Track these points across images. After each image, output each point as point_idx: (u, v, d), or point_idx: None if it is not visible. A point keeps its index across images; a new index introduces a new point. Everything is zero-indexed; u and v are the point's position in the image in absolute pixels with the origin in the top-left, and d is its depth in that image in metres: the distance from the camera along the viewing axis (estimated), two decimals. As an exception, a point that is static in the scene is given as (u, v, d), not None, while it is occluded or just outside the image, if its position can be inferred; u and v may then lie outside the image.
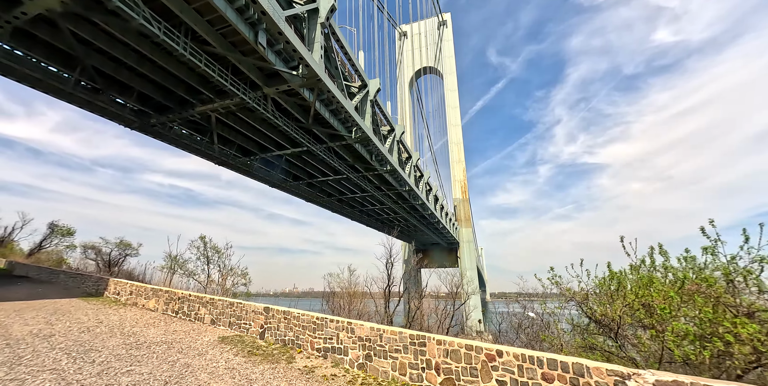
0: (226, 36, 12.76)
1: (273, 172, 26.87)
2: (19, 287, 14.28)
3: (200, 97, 16.14)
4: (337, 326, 7.44)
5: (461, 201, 76.30)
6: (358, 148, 23.28)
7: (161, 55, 13.30)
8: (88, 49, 13.17)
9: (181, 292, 11.19)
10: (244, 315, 9.33)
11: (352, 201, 39.96)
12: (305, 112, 18.66)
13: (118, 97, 15.80)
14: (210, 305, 10.21)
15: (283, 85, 14.99)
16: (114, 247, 24.87)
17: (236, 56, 13.06)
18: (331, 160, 22.58)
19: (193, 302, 10.67)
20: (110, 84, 15.36)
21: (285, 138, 21.79)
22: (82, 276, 15.39)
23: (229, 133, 20.76)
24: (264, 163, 25.80)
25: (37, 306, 10.83)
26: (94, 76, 13.93)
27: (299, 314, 8.22)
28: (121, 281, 13.29)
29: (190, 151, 22.38)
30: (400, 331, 6.41)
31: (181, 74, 14.16)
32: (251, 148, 22.70)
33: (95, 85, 14.73)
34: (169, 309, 11.23)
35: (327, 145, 21.75)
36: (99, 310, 10.87)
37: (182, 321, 10.40)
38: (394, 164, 26.58)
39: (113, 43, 12.70)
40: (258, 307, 9.10)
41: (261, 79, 14.94)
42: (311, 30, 14.54)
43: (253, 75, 14.47)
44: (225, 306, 9.84)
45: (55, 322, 8.78)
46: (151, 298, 11.93)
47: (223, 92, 15.96)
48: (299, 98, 16.71)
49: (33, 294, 12.82)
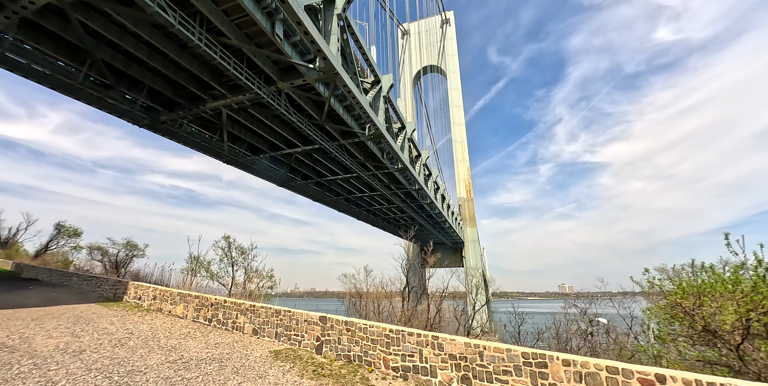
0: (241, 27, 12.25)
1: (282, 170, 26.35)
2: (31, 291, 13.67)
3: (212, 93, 15.62)
4: (419, 340, 6.47)
5: (466, 200, 75.81)
6: (370, 146, 22.76)
7: (173, 48, 12.79)
8: (97, 42, 12.67)
9: (215, 298, 10.25)
10: (294, 325, 8.45)
11: (359, 200, 39.46)
12: (318, 108, 18.12)
13: (128, 93, 15.29)
14: (251, 313, 9.30)
15: (299, 80, 14.45)
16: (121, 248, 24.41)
17: (251, 48, 12.53)
18: (342, 157, 22.04)
19: (229, 309, 9.78)
20: (119, 79, 14.86)
21: (296, 135, 21.28)
22: (97, 279, 14.71)
23: (239, 130, 20.25)
24: (273, 162, 25.30)
25: (56, 313, 10.17)
26: (103, 70, 13.42)
27: (366, 325, 7.24)
28: (142, 285, 12.57)
29: (199, 150, 21.90)
30: (508, 348, 5.42)
31: (193, 68, 13.65)
32: (261, 146, 22.18)
33: (104, 81, 14.23)
34: (201, 317, 10.35)
35: (339, 142, 21.23)
36: (124, 318, 10.16)
37: (218, 330, 9.56)
38: (406, 162, 26.02)
39: (124, 36, 12.20)
40: (312, 316, 8.21)
41: (275, 73, 14.41)
42: (327, 22, 14.00)
43: (268, 69, 13.95)
44: (269, 314, 8.96)
45: (81, 334, 8.08)
46: (179, 304, 11.07)
47: (235, 87, 15.45)
48: (314, 93, 16.19)
49: (47, 300, 12.18)
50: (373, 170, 27.16)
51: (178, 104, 16.73)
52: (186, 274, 12.90)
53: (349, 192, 35.53)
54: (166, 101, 16.80)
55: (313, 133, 18.17)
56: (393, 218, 52.26)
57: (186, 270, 13.33)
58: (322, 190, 32.87)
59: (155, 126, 18.18)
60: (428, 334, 6.39)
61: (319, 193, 33.58)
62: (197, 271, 13.33)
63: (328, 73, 13.97)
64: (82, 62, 13.17)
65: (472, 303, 18.95)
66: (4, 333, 7.65)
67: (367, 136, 20.21)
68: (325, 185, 32.30)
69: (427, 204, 41.40)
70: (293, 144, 22.02)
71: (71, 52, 12.87)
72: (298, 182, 29.13)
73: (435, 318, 15.67)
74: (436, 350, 6.21)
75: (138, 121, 17.48)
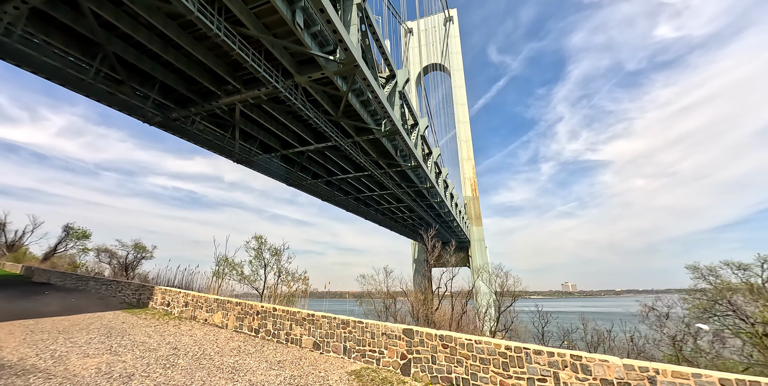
0: (259, 16, 11.66)
1: (293, 169, 25.78)
2: (47, 297, 12.99)
3: (226, 88, 15.06)
4: (551, 361, 5.22)
5: (471, 199, 75.27)
6: (385, 143, 22.16)
7: (188, 40, 12.22)
8: (109, 34, 12.12)
9: (261, 305, 9.21)
10: (368, 338, 7.29)
11: (368, 199, 38.89)
12: (334, 104, 17.54)
13: (140, 88, 14.74)
14: (309, 323, 8.19)
15: (317, 73, 13.85)
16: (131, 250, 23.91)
17: (269, 39, 11.94)
18: (357, 155, 21.43)
19: (281, 318, 8.70)
20: (131, 75, 14.31)
21: (309, 132, 20.72)
22: (117, 284, 13.94)
23: (252, 128, 19.69)
24: (284, 160, 24.75)
25: (82, 323, 9.36)
26: (115, 64, 12.87)
27: (470, 341, 6.06)
28: (170, 290, 11.73)
29: (210, 148, 21.36)
30: (695, 372, 4.19)
31: (208, 61, 13.07)
32: (273, 144, 21.62)
33: (116, 76, 13.68)
34: (245, 327, 9.30)
35: (353, 139, 20.62)
36: (158, 328, 9.27)
37: (270, 343, 8.46)
38: (420, 159, 25.42)
39: (137, 27, 11.63)
40: (392, 329, 7.01)
41: (293, 66, 13.83)
42: (347, 12, 13.41)
43: (285, 61, 13.36)
44: (334, 325, 7.83)
45: (120, 350, 7.12)
46: (216, 311, 10.07)
47: (251, 82, 14.88)
48: (331, 87, 15.59)
49: (68, 307, 11.40)
50: (385, 168, 26.56)
51: (190, 101, 16.17)
52: (214, 277, 12.14)
53: (358, 190, 34.96)
54: (178, 97, 16.24)
55: (329, 129, 17.57)
56: (401, 217, 51.72)
57: (215, 274, 12.57)
58: (332, 189, 32.30)
59: (166, 124, 17.63)
60: (564, 353, 5.17)
61: (329, 192, 33.01)
62: (225, 274, 12.61)
63: (348, 66, 13.37)
64: (92, 56, 12.61)
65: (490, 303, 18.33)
66: (32, 351, 6.69)
67: (382, 132, 19.60)
68: (335, 184, 31.72)
69: (436, 203, 40.85)
70: (306, 141, 21.43)
71: (82, 46, 12.31)
72: (309, 181, 28.56)
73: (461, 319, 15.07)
74: (580, 373, 4.97)
75: (149, 118, 16.94)
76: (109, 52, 12.30)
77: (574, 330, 18.03)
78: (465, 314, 14.81)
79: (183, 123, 16.92)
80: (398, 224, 56.42)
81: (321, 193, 33.07)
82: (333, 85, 15.43)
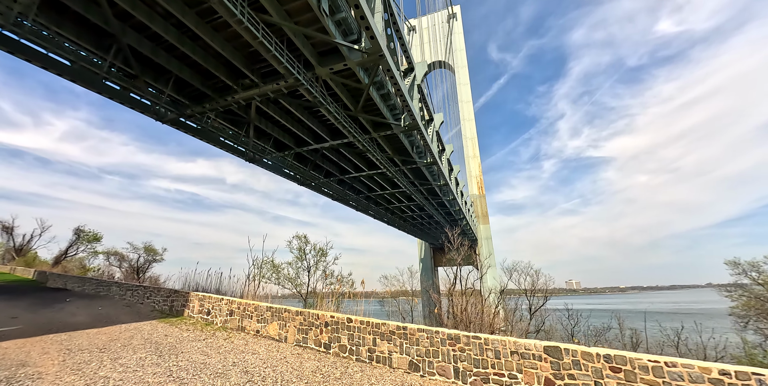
0: (282, 2, 11.00)
1: (305, 168, 25.15)
2: (71, 305, 12.23)
3: (243, 82, 14.40)
4: None
5: (478, 197, 74.60)
6: (402, 139, 21.48)
7: (206, 29, 11.56)
8: (123, 25, 11.49)
9: (330, 315, 7.94)
10: (490, 358, 5.80)
11: (379, 198, 38.25)
12: (353, 97, 16.86)
13: (153, 84, 14.12)
14: (400, 338, 6.83)
15: (339, 64, 13.18)
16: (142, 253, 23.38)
17: (292, 27, 11.26)
18: (373, 152, 20.74)
19: (359, 331, 7.39)
20: (144, 69, 13.70)
21: (325, 128, 20.06)
22: (145, 290, 13.02)
23: (266, 124, 19.06)
24: (297, 159, 24.11)
25: (120, 337, 8.38)
26: (129, 58, 12.24)
27: (656, 363, 4.48)
28: (210, 296, 10.73)
29: (222, 147, 20.70)
30: None
31: (225, 53, 12.41)
32: (287, 142, 20.98)
33: (129, 70, 13.06)
34: (311, 341, 8.08)
35: (370, 135, 19.94)
36: (210, 343, 8.23)
37: (349, 361, 7.21)
38: (436, 156, 24.74)
39: (153, 17, 10.98)
40: (529, 346, 5.49)
41: (314, 56, 13.16)
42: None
43: (307, 52, 12.70)
44: (438, 341, 6.37)
45: (183, 375, 6.01)
46: (270, 322, 8.93)
47: (269, 74, 14.23)
48: (353, 80, 14.91)
49: (97, 316, 10.47)
50: (400, 165, 25.89)
51: (205, 96, 15.56)
52: (249, 281, 11.38)
53: (370, 189, 34.32)
54: (192, 93, 15.63)
55: (348, 125, 16.89)
56: (410, 216, 51.06)
57: (257, 276, 11.78)
58: (344, 187, 31.66)
59: (178, 121, 17.02)
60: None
61: (340, 191, 32.36)
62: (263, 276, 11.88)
63: (373, 56, 12.69)
64: (106, 49, 11.98)
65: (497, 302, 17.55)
66: (80, 381, 5.55)
67: (402, 127, 18.91)
68: (347, 183, 31.09)
69: (448, 201, 40.17)
70: (321, 138, 20.79)
71: (95, 38, 11.69)
72: (321, 180, 27.91)
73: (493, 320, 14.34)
74: None
75: (161, 116, 16.30)
76: (123, 44, 11.67)
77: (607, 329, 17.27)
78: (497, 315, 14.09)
79: (198, 120, 16.29)
80: (407, 223, 55.74)
81: (333, 191, 32.42)
82: (355, 78, 14.76)
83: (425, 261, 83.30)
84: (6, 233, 31.77)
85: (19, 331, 8.45)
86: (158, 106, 15.21)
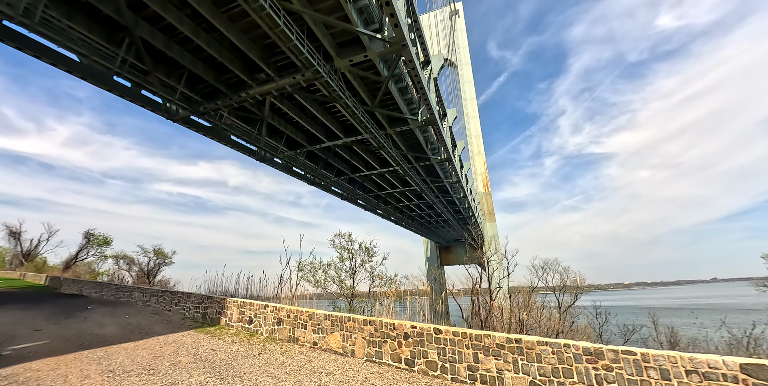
0: (303, -11, 10.44)
1: (317, 166, 24.61)
2: (94, 314, 11.48)
3: (258, 77, 13.85)
4: None
5: (484, 195, 74.02)
6: (417, 134, 20.90)
7: (222, 20, 11.01)
8: (136, 16, 10.96)
9: (410, 325, 6.80)
10: (654, 379, 4.47)
11: (389, 196, 37.72)
12: (370, 91, 16.29)
13: (165, 80, 13.59)
14: (514, 353, 5.58)
15: (360, 55, 12.60)
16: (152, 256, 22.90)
17: (312, 15, 10.69)
18: (388, 148, 20.16)
19: (453, 344, 6.19)
20: (156, 64, 13.17)
21: (339, 125, 19.49)
22: (172, 295, 12.19)
23: (279, 122, 18.52)
24: (309, 157, 23.58)
25: (163, 352, 7.44)
26: (141, 52, 11.71)
27: None
28: (252, 303, 9.65)
29: (233, 146, 20.17)
30: None
31: (241, 45, 11.87)
32: (300, 140, 20.45)
33: (141, 66, 12.54)
34: (386, 355, 6.95)
35: (386, 131, 19.36)
36: (267, 359, 7.19)
37: (442, 381, 6.08)
38: (450, 152, 24.13)
39: (167, 7, 10.43)
40: (712, 362, 4.16)
41: (333, 47, 12.60)
42: (391, -15, 12.15)
43: (327, 42, 12.15)
44: (571, 356, 5.12)
45: None
46: (331, 332, 7.87)
47: (285, 68, 13.68)
48: (372, 72, 14.33)
49: (128, 327, 9.56)
50: (413, 162, 25.31)
51: (218, 93, 15.04)
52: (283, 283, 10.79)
53: (380, 188, 33.79)
54: (204, 89, 15.12)
55: (365, 120, 16.30)
56: (418, 215, 50.49)
57: (290, 278, 11.20)
58: (354, 186, 31.11)
59: (189, 120, 16.50)
60: None
61: (350, 191, 31.80)
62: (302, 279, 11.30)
63: (395, 45, 12.09)
64: (117, 43, 11.44)
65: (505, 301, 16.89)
66: None
67: (419, 122, 18.30)
68: (357, 181, 30.55)
69: (458, 199, 39.61)
70: (334, 135, 20.23)
71: (106, 31, 11.16)
72: (332, 179, 27.37)
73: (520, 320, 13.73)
74: None
75: (172, 114, 15.77)
76: (136, 36, 11.12)
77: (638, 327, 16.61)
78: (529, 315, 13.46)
79: (211, 117, 15.76)
80: (414, 222, 55.17)
81: (343, 190, 31.87)
82: (374, 70, 14.19)
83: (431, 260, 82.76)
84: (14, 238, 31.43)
85: (48, 347, 7.65)
86: (170, 103, 14.69)
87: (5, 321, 10.28)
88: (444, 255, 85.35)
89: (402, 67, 15.24)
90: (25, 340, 8.16)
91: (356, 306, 11.10)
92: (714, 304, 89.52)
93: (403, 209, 46.04)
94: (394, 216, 49.14)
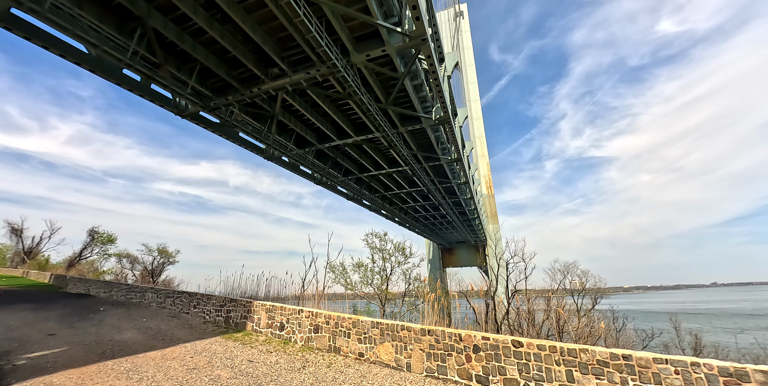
0: (323, -22, 10.05)
1: (325, 166, 24.21)
2: (108, 316, 10.82)
3: (271, 71, 13.46)
4: None
5: (487, 196, 73.51)
6: (429, 133, 20.49)
7: (237, 10, 10.62)
8: (149, 6, 10.58)
9: (482, 336, 6.01)
10: None
11: (395, 197, 37.33)
12: (384, 88, 15.90)
13: (176, 73, 13.21)
14: (622, 371, 4.76)
15: (377, 50, 12.21)
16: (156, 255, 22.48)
17: (331, 5, 10.30)
18: (400, 148, 19.75)
19: (539, 359, 5.43)
20: (167, 57, 12.80)
21: (349, 123, 19.09)
22: (190, 296, 11.50)
23: (289, 119, 18.14)
24: (317, 156, 23.20)
25: (195, 363, 6.73)
26: (153, 44, 11.32)
27: None
28: (283, 307, 8.88)
29: (240, 143, 19.78)
30: None
31: (256, 37, 11.49)
32: (309, 138, 20.05)
33: (153, 58, 12.14)
34: (451, 370, 6.14)
35: (398, 129, 18.97)
36: (315, 374, 6.44)
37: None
38: (461, 152, 23.70)
39: (181, -4, 10.06)
40: None
41: (350, 41, 12.21)
42: (411, -22, 11.76)
43: (344, 35, 11.75)
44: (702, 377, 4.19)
45: None
46: (381, 342, 7.02)
47: (299, 63, 13.28)
48: (389, 68, 13.95)
49: (148, 332, 8.87)
50: (422, 162, 24.91)
51: (229, 87, 14.66)
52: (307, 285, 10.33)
53: (387, 188, 33.36)
54: (216, 84, 14.74)
55: (378, 118, 15.90)
56: (423, 216, 50.04)
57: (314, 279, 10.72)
58: (361, 187, 30.72)
59: (198, 116, 16.14)
60: None
61: (357, 191, 31.40)
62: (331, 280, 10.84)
63: (415, 40, 11.70)
64: (128, 34, 11.07)
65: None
66: None
67: (432, 121, 17.90)
68: (364, 182, 30.15)
69: (464, 200, 39.19)
70: (345, 134, 19.84)
71: (118, 21, 10.79)
72: (339, 179, 26.96)
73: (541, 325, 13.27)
74: None
75: (182, 110, 15.41)
76: (148, 27, 10.74)
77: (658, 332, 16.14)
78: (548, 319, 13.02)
79: (221, 113, 15.36)
80: (418, 223, 54.69)
81: (350, 190, 31.47)
82: (391, 66, 13.81)
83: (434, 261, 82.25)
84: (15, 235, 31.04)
85: (67, 356, 6.89)
86: (180, 98, 14.31)
87: (15, 323, 9.64)
88: (446, 257, 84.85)
89: (417, 64, 14.86)
90: (40, 347, 7.48)
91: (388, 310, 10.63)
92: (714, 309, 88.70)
93: (408, 210, 45.64)
94: (398, 217, 48.68)
